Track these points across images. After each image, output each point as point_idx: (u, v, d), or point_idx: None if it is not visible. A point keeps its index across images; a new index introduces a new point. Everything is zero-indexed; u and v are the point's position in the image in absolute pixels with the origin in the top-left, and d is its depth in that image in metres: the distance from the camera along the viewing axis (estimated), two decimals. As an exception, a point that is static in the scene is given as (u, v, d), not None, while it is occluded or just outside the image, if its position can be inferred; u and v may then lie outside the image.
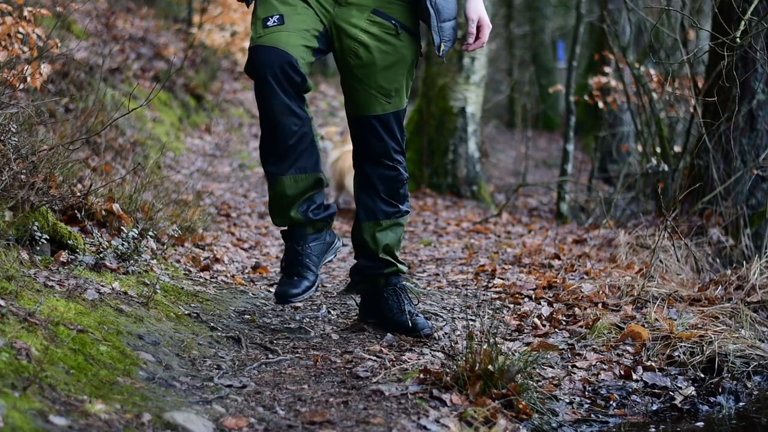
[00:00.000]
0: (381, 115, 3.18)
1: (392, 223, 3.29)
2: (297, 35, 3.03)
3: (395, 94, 3.18)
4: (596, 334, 3.41)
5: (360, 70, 3.15)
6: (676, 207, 4.73)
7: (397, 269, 3.34)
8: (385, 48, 3.14)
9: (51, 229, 3.37)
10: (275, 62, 2.98)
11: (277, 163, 3.13)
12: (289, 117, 3.05)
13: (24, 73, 3.49)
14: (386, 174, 3.24)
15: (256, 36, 3.06)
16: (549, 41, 15.15)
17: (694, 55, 5.23)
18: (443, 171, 7.74)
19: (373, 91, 3.16)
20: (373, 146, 3.22)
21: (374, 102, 3.17)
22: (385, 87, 3.16)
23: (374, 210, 3.27)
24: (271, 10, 3.06)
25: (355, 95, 3.19)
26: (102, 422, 2.15)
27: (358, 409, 2.54)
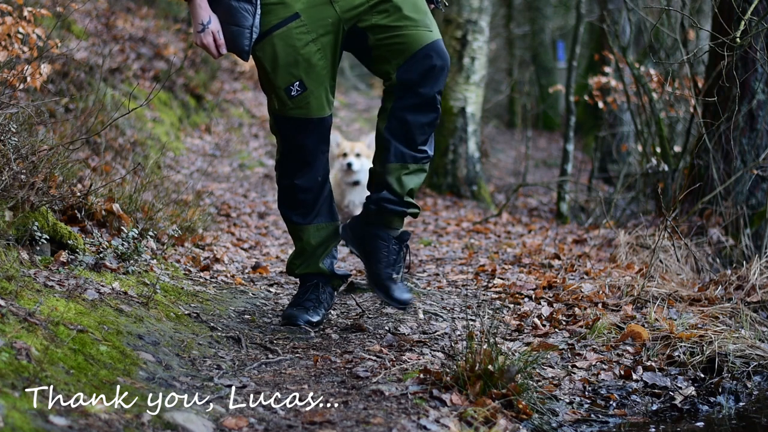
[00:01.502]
0: (431, 43, 3.12)
1: (419, 168, 3.25)
2: (322, 93, 3.17)
3: (430, 22, 3.16)
4: (596, 334, 3.41)
5: (390, 20, 3.10)
6: (676, 207, 4.73)
7: (418, 211, 3.33)
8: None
9: (51, 229, 3.37)
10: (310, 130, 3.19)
11: (302, 215, 3.35)
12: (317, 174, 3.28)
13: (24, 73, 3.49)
14: (427, 120, 3.19)
15: (282, 108, 3.19)
16: (549, 41, 15.15)
17: (694, 55, 5.23)
18: (443, 171, 7.74)
19: (413, 27, 3.11)
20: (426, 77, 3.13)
21: (419, 35, 3.12)
22: (419, 19, 3.13)
23: (404, 154, 3.22)
24: (289, 78, 3.14)
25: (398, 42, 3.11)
26: (102, 422, 2.15)
27: (358, 409, 2.54)
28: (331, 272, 3.44)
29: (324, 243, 3.38)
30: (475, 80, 7.75)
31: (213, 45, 3.09)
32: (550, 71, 14.75)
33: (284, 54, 3.12)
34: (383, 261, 3.27)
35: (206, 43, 3.08)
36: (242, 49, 3.11)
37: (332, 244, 3.42)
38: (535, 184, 8.59)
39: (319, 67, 3.14)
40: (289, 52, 3.11)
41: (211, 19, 3.08)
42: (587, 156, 10.41)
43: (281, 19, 3.11)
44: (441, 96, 3.21)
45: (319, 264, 3.41)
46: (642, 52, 7.92)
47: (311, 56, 3.12)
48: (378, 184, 3.28)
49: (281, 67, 3.13)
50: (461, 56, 7.65)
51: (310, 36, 3.12)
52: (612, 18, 8.58)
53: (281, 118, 3.22)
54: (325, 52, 3.15)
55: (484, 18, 7.75)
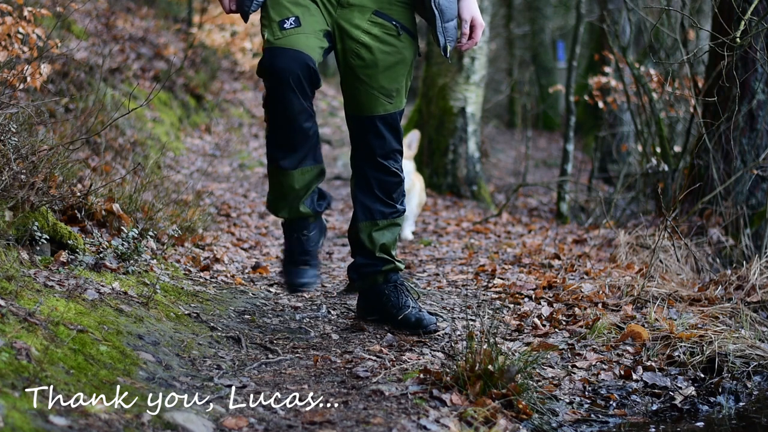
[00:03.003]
0: (383, 115, 3.23)
1: (389, 223, 3.33)
2: (313, 36, 3.12)
3: (396, 94, 3.23)
4: (596, 334, 3.41)
5: (362, 71, 3.19)
6: (676, 207, 4.73)
7: (394, 266, 3.38)
8: (386, 49, 3.19)
9: (51, 229, 3.37)
10: (295, 65, 3.06)
11: (290, 159, 3.23)
12: (305, 117, 3.15)
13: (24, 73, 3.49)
14: (385, 175, 3.29)
15: (274, 38, 3.10)
16: (549, 41, 15.16)
17: (694, 55, 5.23)
18: (443, 171, 7.74)
19: (375, 92, 3.21)
20: (375, 147, 3.27)
21: (376, 102, 3.22)
22: (387, 87, 3.21)
23: (372, 210, 3.31)
24: (285, 12, 3.12)
25: (357, 96, 3.24)
26: (102, 422, 2.15)
27: (358, 409, 2.54)
28: (313, 212, 3.36)
29: (307, 185, 3.29)
30: (475, 80, 7.74)
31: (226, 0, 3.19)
32: (550, 71, 14.76)
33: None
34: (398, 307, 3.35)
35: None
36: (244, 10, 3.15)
37: (314, 185, 3.33)
38: (535, 184, 8.59)
39: (317, 13, 3.14)
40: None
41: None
42: (587, 156, 10.41)
43: None
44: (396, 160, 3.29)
45: (300, 207, 3.32)
46: (642, 52, 7.93)
47: (310, 4, 3.13)
48: (352, 247, 3.41)
49: (282, 3, 3.12)
50: (461, 56, 7.65)
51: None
52: (612, 18, 8.58)
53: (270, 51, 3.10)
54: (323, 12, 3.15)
55: (484, 18, 7.74)
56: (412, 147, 5.40)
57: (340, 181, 8.33)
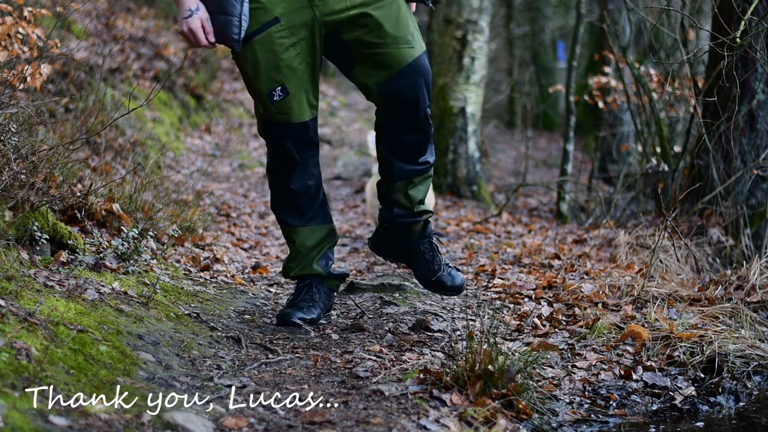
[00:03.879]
0: (412, 62, 3.11)
1: (424, 177, 3.29)
2: (304, 98, 3.16)
3: (412, 37, 3.13)
4: (596, 334, 3.41)
5: (371, 36, 3.09)
6: (676, 207, 4.73)
7: (431, 213, 3.38)
8: (379, 4, 3.09)
9: (51, 229, 3.37)
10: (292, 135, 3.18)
11: (296, 218, 3.34)
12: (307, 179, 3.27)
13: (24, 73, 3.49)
14: (420, 138, 3.20)
15: (267, 113, 3.17)
16: (549, 41, 15.15)
17: (694, 55, 5.23)
18: (443, 171, 7.74)
19: (393, 45, 3.10)
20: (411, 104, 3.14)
21: (399, 54, 3.11)
22: (401, 35, 3.10)
23: (407, 171, 3.25)
24: (271, 83, 3.11)
25: (379, 60, 3.11)
26: (102, 422, 2.15)
27: (358, 409, 2.54)
28: (327, 273, 3.42)
29: (318, 245, 3.37)
30: (475, 80, 7.75)
31: (201, 31, 3.01)
32: (550, 71, 14.75)
33: (265, 59, 3.09)
34: (422, 264, 3.36)
35: (194, 28, 3.00)
36: (232, 38, 3.03)
37: (327, 245, 3.40)
38: (535, 184, 8.59)
39: (300, 71, 3.12)
40: (270, 57, 3.08)
41: (199, 7, 3.01)
42: (587, 156, 10.41)
43: (261, 24, 3.06)
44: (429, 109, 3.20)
45: (314, 265, 3.39)
46: (642, 52, 7.93)
47: (292, 61, 3.10)
48: (387, 202, 3.34)
49: (263, 73, 3.10)
50: (461, 56, 7.65)
51: (290, 40, 3.08)
52: (612, 18, 8.58)
53: (267, 122, 3.22)
54: (304, 56, 3.12)
55: (484, 18, 7.75)
56: None
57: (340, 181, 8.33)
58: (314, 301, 3.41)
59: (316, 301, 3.42)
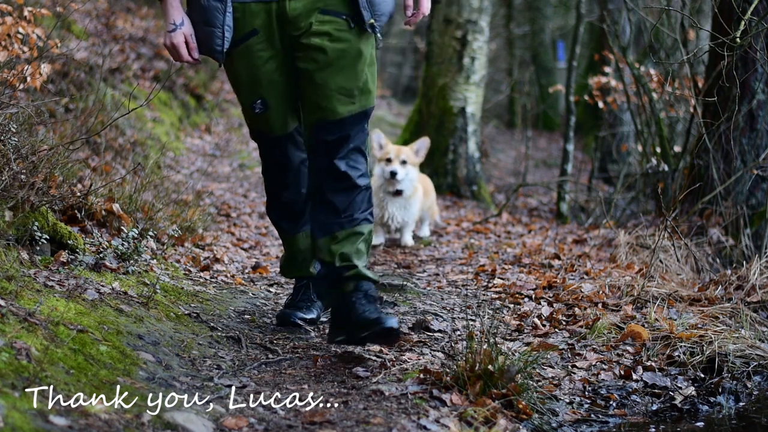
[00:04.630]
0: (346, 117, 2.98)
1: (348, 233, 3.03)
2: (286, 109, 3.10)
3: (359, 92, 2.99)
4: (596, 334, 3.41)
5: (319, 75, 2.96)
6: (676, 207, 4.73)
7: (357, 272, 3.02)
8: (340, 46, 2.95)
9: (51, 229, 3.37)
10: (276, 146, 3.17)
11: (290, 224, 3.32)
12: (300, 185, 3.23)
13: (24, 73, 3.49)
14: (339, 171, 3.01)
15: (250, 121, 3.15)
16: (549, 41, 15.15)
17: (694, 55, 5.23)
18: (443, 171, 7.73)
19: (336, 94, 2.96)
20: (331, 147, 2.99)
21: (337, 105, 2.97)
22: (347, 87, 2.97)
23: (327, 224, 3.05)
24: (251, 96, 3.07)
25: (317, 101, 2.99)
26: (102, 422, 2.15)
27: (358, 409, 2.54)
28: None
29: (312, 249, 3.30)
30: (475, 80, 7.74)
31: (183, 46, 2.94)
32: (550, 71, 14.75)
33: (245, 72, 3.02)
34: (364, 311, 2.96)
35: (176, 43, 2.94)
36: (214, 49, 2.96)
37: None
38: (535, 184, 8.59)
39: (280, 84, 3.04)
40: (250, 70, 3.01)
41: (184, 21, 2.95)
42: (587, 156, 10.41)
43: (241, 36, 2.97)
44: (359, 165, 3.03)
45: (310, 268, 3.39)
46: (642, 52, 7.93)
47: (272, 74, 3.02)
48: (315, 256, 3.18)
49: (243, 85, 3.05)
50: (461, 56, 7.65)
51: (268, 53, 3.00)
52: (612, 18, 8.58)
53: (254, 130, 3.21)
54: (284, 68, 3.03)
55: (484, 18, 7.75)
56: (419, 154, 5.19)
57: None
58: (312, 301, 3.40)
59: (314, 300, 3.41)
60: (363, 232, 3.06)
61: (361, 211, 3.06)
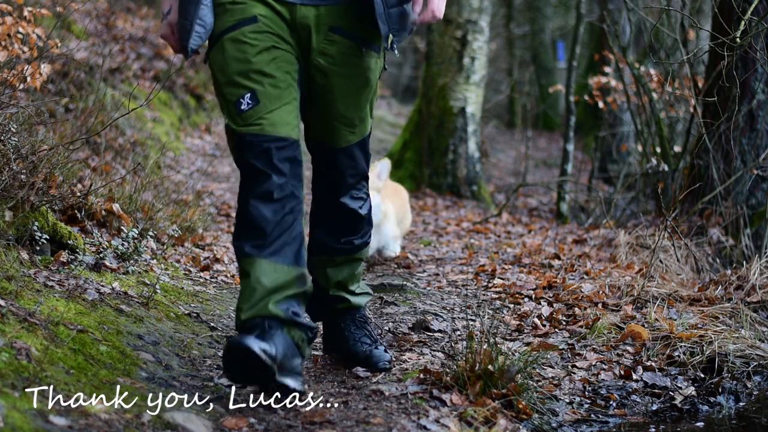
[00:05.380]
0: (345, 147, 2.76)
1: (347, 258, 2.92)
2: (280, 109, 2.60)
3: (359, 122, 2.74)
4: (596, 334, 3.41)
5: (318, 99, 2.70)
6: (676, 207, 4.73)
7: (348, 304, 2.94)
8: (346, 72, 2.66)
9: (51, 229, 3.37)
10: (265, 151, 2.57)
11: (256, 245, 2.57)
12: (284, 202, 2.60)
13: (24, 73, 3.49)
14: (346, 208, 2.84)
15: (234, 124, 2.60)
16: (549, 41, 15.16)
17: (694, 55, 5.23)
18: (443, 171, 7.74)
19: (335, 122, 2.71)
20: (334, 179, 2.81)
21: (336, 134, 2.74)
22: (348, 117, 2.71)
23: (327, 244, 2.89)
24: (238, 89, 2.59)
25: (315, 125, 2.77)
26: (102, 422, 2.15)
27: (358, 409, 2.54)
28: (287, 317, 2.55)
29: (280, 288, 2.55)
30: (475, 80, 7.75)
31: (171, 38, 2.69)
32: (550, 71, 14.76)
33: (235, 61, 2.59)
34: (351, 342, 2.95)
35: (163, 35, 2.70)
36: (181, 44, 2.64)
37: (290, 291, 2.57)
38: (535, 184, 8.60)
39: (274, 78, 2.59)
40: (241, 58, 2.59)
41: (171, 10, 2.67)
42: (587, 156, 10.41)
43: (236, 21, 2.61)
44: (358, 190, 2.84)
45: (270, 306, 2.53)
46: (642, 52, 7.93)
47: (265, 65, 2.59)
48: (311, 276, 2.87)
49: (231, 76, 2.60)
50: (461, 56, 7.65)
51: (265, 43, 2.60)
52: (612, 18, 8.58)
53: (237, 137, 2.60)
54: (282, 63, 2.61)
55: (484, 18, 7.75)
56: (381, 177, 4.63)
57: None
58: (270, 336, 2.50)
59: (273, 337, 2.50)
60: (362, 258, 2.96)
61: (361, 235, 2.91)
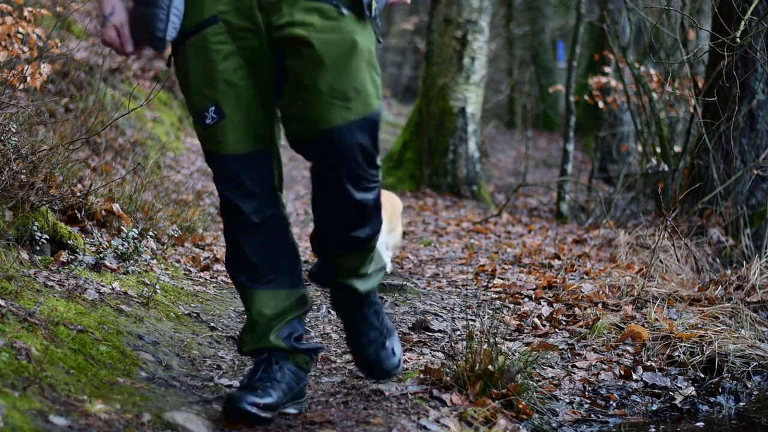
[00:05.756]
0: (341, 126, 2.35)
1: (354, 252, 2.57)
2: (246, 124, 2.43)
3: (355, 94, 2.37)
4: (596, 334, 3.41)
5: (306, 75, 2.36)
6: (676, 207, 4.73)
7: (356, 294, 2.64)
8: (329, 38, 2.35)
9: (51, 229, 3.37)
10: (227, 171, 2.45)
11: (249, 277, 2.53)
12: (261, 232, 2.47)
13: (24, 73, 3.49)
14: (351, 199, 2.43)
15: (201, 137, 2.48)
16: (549, 41, 15.17)
17: (694, 55, 5.23)
18: (443, 171, 7.74)
19: (326, 98, 2.35)
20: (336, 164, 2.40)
21: (328, 111, 2.35)
22: (340, 88, 2.35)
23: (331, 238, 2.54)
24: (202, 101, 2.41)
25: (307, 108, 2.38)
26: (102, 422, 2.15)
27: (358, 409, 2.53)
28: (289, 347, 2.55)
29: (281, 315, 2.54)
30: (475, 80, 7.75)
31: (117, 41, 2.40)
32: (550, 71, 14.77)
33: (197, 69, 2.39)
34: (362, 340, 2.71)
35: (108, 40, 2.41)
36: (154, 35, 2.36)
37: (291, 315, 2.56)
38: (535, 184, 8.60)
39: (241, 88, 2.39)
40: (204, 67, 2.39)
41: (114, 10, 2.39)
42: (587, 156, 10.42)
43: (196, 24, 2.38)
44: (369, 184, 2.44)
45: (270, 337, 2.54)
46: (642, 52, 7.93)
47: (231, 74, 2.38)
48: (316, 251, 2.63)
49: (194, 86, 2.41)
50: (461, 56, 7.65)
51: (229, 47, 2.38)
52: (612, 18, 8.58)
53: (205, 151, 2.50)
54: (249, 69, 2.40)
55: (484, 18, 7.75)
56: None
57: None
58: (273, 380, 2.51)
59: (277, 380, 2.51)
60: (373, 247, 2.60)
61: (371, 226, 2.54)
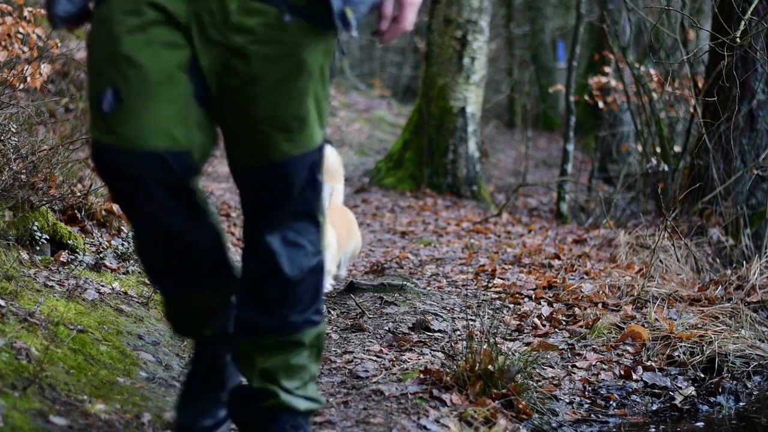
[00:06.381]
0: (279, 162, 1.93)
1: (278, 342, 2.03)
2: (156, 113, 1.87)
3: (297, 125, 1.92)
4: (596, 334, 3.41)
5: (240, 96, 1.91)
6: (676, 207, 4.73)
7: (277, 402, 2.03)
8: (270, 51, 1.88)
9: (51, 229, 3.37)
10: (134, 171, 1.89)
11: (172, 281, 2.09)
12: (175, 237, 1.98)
13: (24, 73, 3.49)
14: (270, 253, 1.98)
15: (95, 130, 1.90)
16: (549, 41, 15.17)
17: (694, 55, 5.23)
18: (443, 171, 7.74)
19: (263, 126, 1.91)
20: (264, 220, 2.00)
21: (267, 143, 1.92)
22: (279, 116, 1.91)
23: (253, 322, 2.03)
24: (100, 82, 1.88)
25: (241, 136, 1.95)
26: (102, 422, 2.15)
27: (358, 409, 2.54)
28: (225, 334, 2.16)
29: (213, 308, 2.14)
30: (475, 80, 7.75)
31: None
32: (550, 71, 14.77)
33: (100, 45, 1.89)
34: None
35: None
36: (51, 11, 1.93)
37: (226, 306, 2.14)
38: (535, 184, 8.60)
39: (146, 70, 1.85)
40: (107, 42, 1.87)
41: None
42: (587, 156, 10.42)
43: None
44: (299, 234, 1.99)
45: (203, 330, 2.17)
46: (642, 52, 7.93)
47: (136, 51, 1.85)
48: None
49: (94, 63, 1.90)
50: (461, 56, 7.65)
51: (138, 20, 1.86)
52: (612, 18, 8.58)
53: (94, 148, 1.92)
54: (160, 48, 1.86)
55: (484, 18, 7.75)
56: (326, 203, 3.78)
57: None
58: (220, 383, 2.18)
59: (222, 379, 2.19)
60: (302, 342, 2.04)
61: (302, 311, 2.03)
